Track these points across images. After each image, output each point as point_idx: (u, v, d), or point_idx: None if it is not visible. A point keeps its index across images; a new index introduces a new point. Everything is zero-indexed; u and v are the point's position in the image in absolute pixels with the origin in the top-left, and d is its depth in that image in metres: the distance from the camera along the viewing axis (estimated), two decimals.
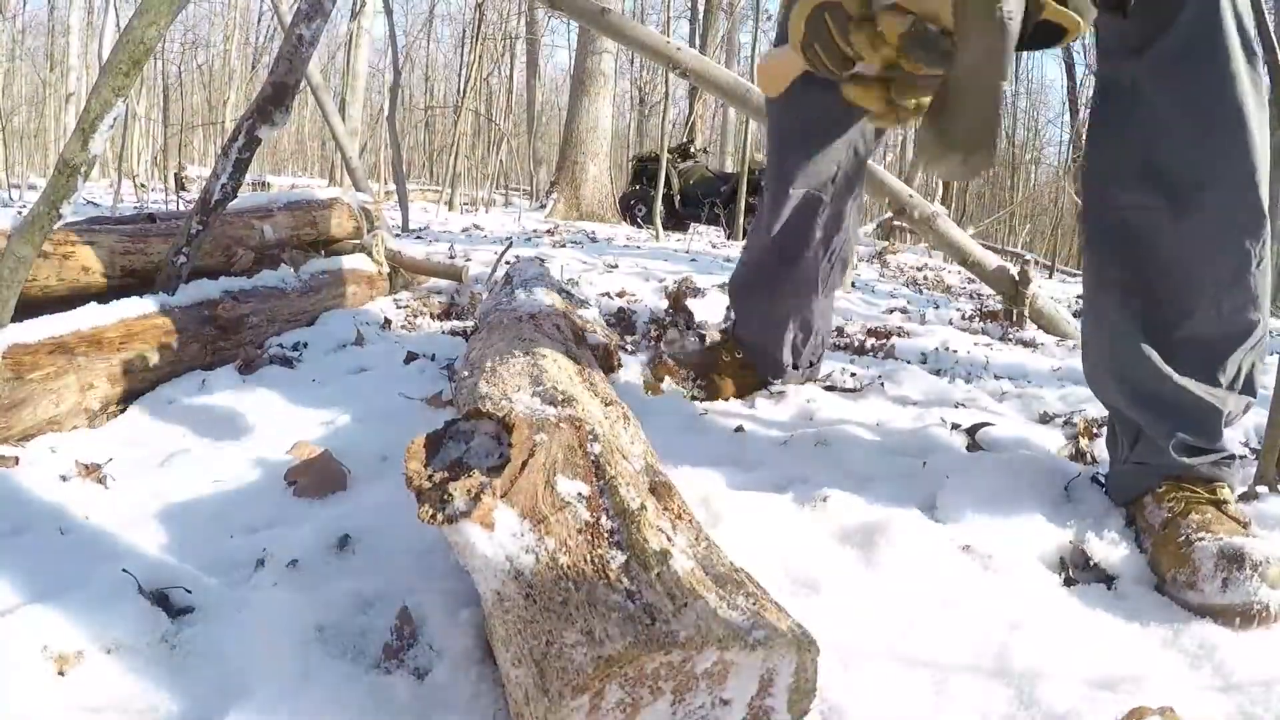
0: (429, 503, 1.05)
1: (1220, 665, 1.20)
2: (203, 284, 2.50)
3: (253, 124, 2.26)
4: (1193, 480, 1.56)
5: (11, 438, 1.75)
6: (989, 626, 1.25)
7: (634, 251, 5.97)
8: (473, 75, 11.62)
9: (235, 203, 2.79)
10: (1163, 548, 1.46)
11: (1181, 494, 1.53)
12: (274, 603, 1.21)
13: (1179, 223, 1.47)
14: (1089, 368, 1.69)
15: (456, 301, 3.65)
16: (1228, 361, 1.53)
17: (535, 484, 1.09)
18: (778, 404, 2.22)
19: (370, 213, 3.97)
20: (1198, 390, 1.53)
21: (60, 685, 1.03)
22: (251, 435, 1.97)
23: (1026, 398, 2.46)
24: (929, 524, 1.51)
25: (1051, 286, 7.22)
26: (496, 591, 0.98)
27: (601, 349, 2.28)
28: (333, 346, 2.75)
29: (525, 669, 0.89)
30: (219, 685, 1.06)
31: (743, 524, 1.46)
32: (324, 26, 2.36)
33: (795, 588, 1.33)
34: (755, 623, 0.90)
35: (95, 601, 1.14)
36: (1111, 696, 1.11)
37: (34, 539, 1.40)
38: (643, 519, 1.07)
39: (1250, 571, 1.30)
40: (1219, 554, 1.35)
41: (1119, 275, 1.57)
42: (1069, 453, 1.99)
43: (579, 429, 1.25)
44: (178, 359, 2.20)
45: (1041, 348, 3.40)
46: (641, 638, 0.86)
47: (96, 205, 8.98)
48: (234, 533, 1.46)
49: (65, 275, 2.07)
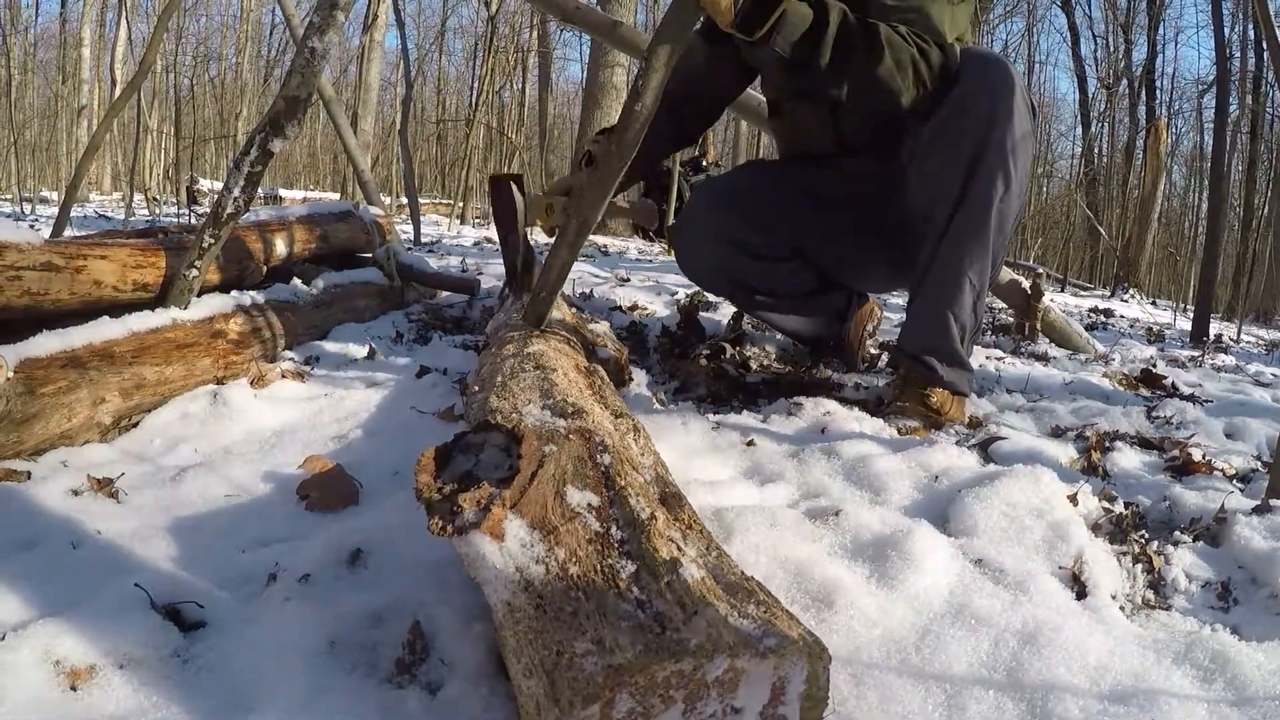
0: (439, 514, 1.05)
1: (1233, 679, 1.20)
2: (215, 298, 2.50)
3: (265, 137, 2.26)
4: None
5: (24, 452, 1.75)
6: (1001, 640, 1.25)
7: (646, 265, 5.97)
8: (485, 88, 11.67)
9: (247, 216, 2.80)
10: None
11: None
12: (286, 617, 1.22)
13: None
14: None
15: (468, 315, 3.65)
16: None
17: (545, 495, 1.09)
18: (790, 416, 2.21)
19: (382, 226, 3.98)
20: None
21: (72, 700, 1.03)
22: (263, 449, 1.97)
23: (1038, 411, 2.45)
24: (941, 538, 1.50)
25: (1064, 300, 7.21)
26: (507, 602, 0.98)
27: (613, 362, 2.28)
28: (344, 360, 2.75)
29: (536, 679, 0.89)
30: (231, 700, 1.06)
31: (755, 537, 1.46)
32: (336, 40, 2.37)
33: (808, 601, 1.33)
34: (766, 630, 0.90)
35: (107, 616, 1.14)
36: (1124, 711, 1.11)
37: (46, 553, 1.40)
38: (653, 529, 1.07)
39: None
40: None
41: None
42: (1081, 466, 1.99)
43: (588, 440, 1.25)
44: (189, 373, 2.20)
45: (1054, 361, 3.39)
46: (652, 646, 0.86)
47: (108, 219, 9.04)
48: (246, 547, 1.46)
49: (77, 289, 2.07)
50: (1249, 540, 1.55)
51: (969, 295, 2.20)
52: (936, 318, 2.23)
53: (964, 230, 2.12)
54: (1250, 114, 17.61)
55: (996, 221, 2.12)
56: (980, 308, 2.26)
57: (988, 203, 2.08)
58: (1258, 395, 2.97)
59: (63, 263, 2.03)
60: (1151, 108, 20.93)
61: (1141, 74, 21.24)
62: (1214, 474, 1.96)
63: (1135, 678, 1.19)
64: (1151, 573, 1.50)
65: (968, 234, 2.12)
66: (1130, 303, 8.78)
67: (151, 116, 13.36)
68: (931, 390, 2.26)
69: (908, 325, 2.35)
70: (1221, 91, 7.10)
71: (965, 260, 2.15)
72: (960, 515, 1.61)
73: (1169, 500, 1.76)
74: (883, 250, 2.54)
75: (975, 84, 2.06)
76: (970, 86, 2.05)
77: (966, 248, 2.13)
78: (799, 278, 2.64)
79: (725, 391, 2.58)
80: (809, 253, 2.59)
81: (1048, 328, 3.86)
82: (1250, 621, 1.38)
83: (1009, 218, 2.14)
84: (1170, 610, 1.42)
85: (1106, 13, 22.52)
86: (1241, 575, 1.50)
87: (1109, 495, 1.75)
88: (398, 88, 19.80)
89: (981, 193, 2.07)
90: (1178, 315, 7.72)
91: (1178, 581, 1.49)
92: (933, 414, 2.25)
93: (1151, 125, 12.68)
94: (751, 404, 2.45)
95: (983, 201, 2.08)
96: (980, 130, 2.04)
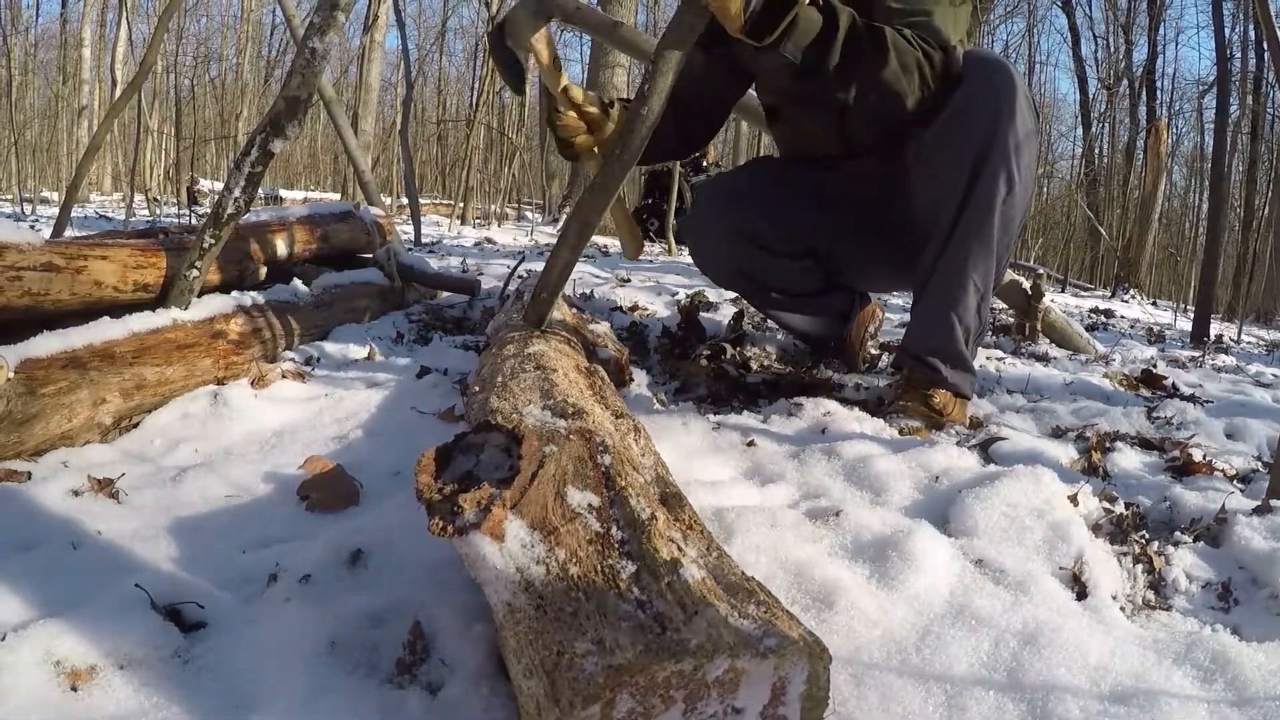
0: (439, 515, 1.05)
1: (1233, 680, 1.20)
2: (215, 298, 2.50)
3: (265, 138, 2.26)
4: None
5: (24, 453, 1.75)
6: (1002, 641, 1.25)
7: (646, 266, 5.97)
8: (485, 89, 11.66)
9: (248, 217, 2.80)
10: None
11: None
12: (286, 618, 1.22)
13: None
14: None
15: (469, 316, 3.65)
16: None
17: (545, 495, 1.09)
18: (790, 417, 2.21)
19: (383, 227, 3.98)
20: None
21: (73, 700, 1.03)
22: (264, 450, 1.97)
23: (1039, 412, 2.45)
24: (942, 538, 1.50)
25: (1064, 301, 7.21)
26: (507, 603, 0.98)
27: (613, 363, 2.28)
28: (345, 361, 2.76)
29: (537, 680, 0.89)
30: (231, 700, 1.06)
31: (755, 537, 1.46)
32: (337, 40, 2.36)
33: (808, 601, 1.33)
34: (767, 631, 0.90)
35: (107, 616, 1.15)
36: (1125, 711, 1.11)
37: (46, 554, 1.40)
38: (653, 529, 1.07)
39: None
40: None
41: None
42: (1081, 466, 1.99)
43: (589, 441, 1.25)
44: (190, 373, 2.20)
45: (1054, 361, 3.39)
46: (652, 647, 0.86)
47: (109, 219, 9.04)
48: (246, 547, 1.46)
49: (77, 289, 2.07)
50: (1249, 541, 1.55)
51: (973, 297, 2.21)
52: (941, 319, 2.24)
53: (968, 232, 2.12)
54: (1251, 114, 17.62)
55: (1001, 223, 2.12)
56: (985, 309, 2.26)
57: (991, 204, 2.09)
58: (1258, 396, 2.97)
59: (63, 263, 2.03)
60: (1152, 108, 20.94)
61: (1142, 74, 21.25)
62: (1214, 474, 1.96)
63: (1136, 678, 1.19)
64: (1152, 573, 1.50)
65: (971, 235, 2.12)
66: (1131, 303, 8.79)
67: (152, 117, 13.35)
68: (934, 391, 2.27)
69: (912, 326, 2.35)
70: (1222, 92, 7.10)
71: (969, 262, 2.15)
72: (961, 516, 1.61)
73: (1169, 501, 1.76)
74: (885, 251, 2.55)
75: (978, 86, 2.06)
76: (973, 88, 2.06)
77: (970, 249, 2.14)
78: (811, 276, 2.64)
79: (726, 392, 2.58)
80: (818, 252, 2.59)
81: (1048, 328, 3.86)
82: (1251, 622, 1.38)
83: (1013, 219, 2.15)
84: (1171, 611, 1.42)
85: (1107, 13, 22.54)
86: (1242, 576, 1.50)
87: (1109, 496, 1.75)
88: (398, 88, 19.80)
89: (985, 194, 2.08)
90: (1178, 316, 7.73)
91: (1178, 582, 1.49)
92: (935, 415, 2.25)
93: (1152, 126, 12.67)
94: (752, 404, 2.45)
95: (986, 203, 2.09)
96: (983, 132, 2.04)
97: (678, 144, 2.65)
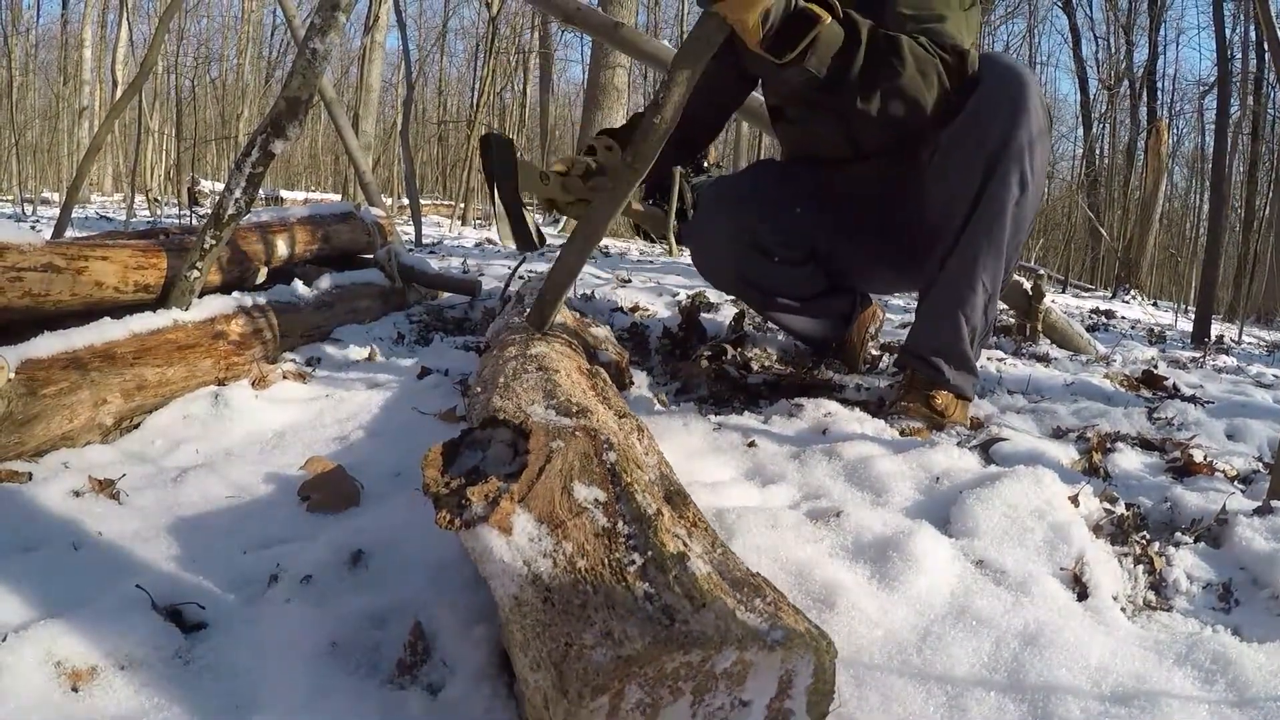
0: (446, 508, 1.05)
1: (1234, 680, 1.20)
2: (216, 299, 2.50)
3: (266, 138, 2.26)
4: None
5: (25, 453, 1.75)
6: (1003, 642, 1.25)
7: (647, 266, 5.97)
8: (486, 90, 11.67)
9: (249, 217, 2.80)
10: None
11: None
12: (287, 618, 1.22)
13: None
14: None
15: (470, 317, 3.65)
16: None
17: (552, 489, 1.10)
18: (791, 418, 2.21)
19: (383, 227, 3.98)
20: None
21: (73, 700, 1.03)
22: (265, 450, 1.97)
23: (1040, 412, 2.45)
24: (942, 539, 1.50)
25: (1065, 301, 7.21)
26: (514, 596, 0.98)
27: (614, 367, 2.28)
28: (346, 361, 2.76)
29: (544, 672, 0.89)
30: (232, 701, 1.06)
31: (756, 538, 1.46)
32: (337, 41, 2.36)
33: (809, 602, 1.32)
34: (773, 624, 0.90)
35: (108, 617, 1.15)
36: (1125, 712, 1.11)
37: (47, 554, 1.40)
38: (659, 524, 1.07)
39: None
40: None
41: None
42: (1082, 467, 1.99)
43: (594, 438, 1.25)
44: (191, 374, 2.20)
45: (1055, 362, 3.39)
46: (661, 637, 0.86)
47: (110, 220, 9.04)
48: (247, 548, 1.46)
49: (78, 290, 2.07)
50: (1250, 541, 1.55)
51: (981, 297, 2.21)
52: (948, 318, 2.24)
53: (978, 232, 2.12)
54: (1251, 115, 17.59)
55: (1012, 224, 2.12)
56: (991, 311, 2.26)
57: (1003, 205, 2.09)
58: (1259, 396, 2.97)
59: (64, 264, 2.03)
60: (1153, 109, 20.91)
61: (1143, 75, 21.23)
62: (1215, 475, 1.96)
63: (1137, 679, 1.19)
64: (1153, 574, 1.50)
65: (981, 235, 2.12)
66: (1131, 304, 8.79)
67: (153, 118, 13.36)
68: (936, 392, 2.26)
69: (917, 326, 2.35)
70: (1223, 92, 7.11)
71: (979, 261, 2.15)
72: (961, 516, 1.61)
73: (1170, 501, 1.76)
74: (887, 251, 2.54)
75: (993, 89, 2.06)
76: (988, 91, 2.06)
77: (980, 249, 2.14)
78: (812, 282, 2.64)
79: (727, 392, 2.57)
80: (820, 255, 2.59)
81: (1049, 329, 3.86)
82: (1251, 623, 1.38)
83: (1024, 221, 2.15)
84: (1171, 611, 1.42)
85: (1108, 14, 22.51)
86: (1243, 576, 1.49)
87: (1110, 496, 1.75)
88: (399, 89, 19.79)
89: (997, 195, 2.08)
90: (1179, 316, 7.73)
91: (1179, 583, 1.49)
92: (936, 416, 2.25)
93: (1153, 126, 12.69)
94: (753, 405, 2.45)
95: (998, 204, 2.09)
96: (999, 133, 2.05)
97: (680, 150, 2.65)
